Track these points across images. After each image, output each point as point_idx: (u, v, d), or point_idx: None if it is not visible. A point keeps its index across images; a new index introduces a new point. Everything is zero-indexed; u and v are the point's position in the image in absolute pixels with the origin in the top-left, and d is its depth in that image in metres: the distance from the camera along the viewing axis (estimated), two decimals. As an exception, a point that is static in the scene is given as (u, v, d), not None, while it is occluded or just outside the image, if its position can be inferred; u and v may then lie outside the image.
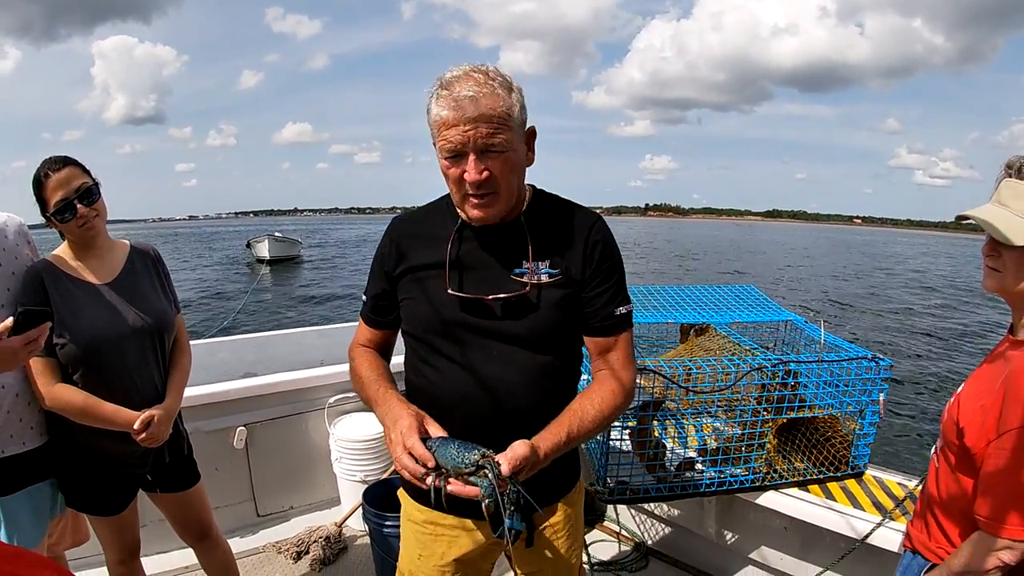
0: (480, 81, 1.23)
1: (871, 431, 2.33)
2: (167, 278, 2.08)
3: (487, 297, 1.35)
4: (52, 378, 1.78)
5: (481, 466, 1.13)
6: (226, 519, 3.06)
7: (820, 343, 2.35)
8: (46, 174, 1.77)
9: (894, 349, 13.80)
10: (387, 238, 1.49)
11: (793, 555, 2.51)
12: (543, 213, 1.42)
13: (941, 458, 1.47)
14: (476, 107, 1.20)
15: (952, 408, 1.43)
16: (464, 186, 1.27)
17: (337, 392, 3.27)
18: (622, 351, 1.44)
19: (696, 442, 2.33)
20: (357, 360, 1.52)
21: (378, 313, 1.53)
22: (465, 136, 1.22)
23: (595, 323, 1.41)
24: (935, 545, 1.46)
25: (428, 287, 1.40)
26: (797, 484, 2.33)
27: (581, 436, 1.32)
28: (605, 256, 1.40)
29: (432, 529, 1.51)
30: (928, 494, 1.52)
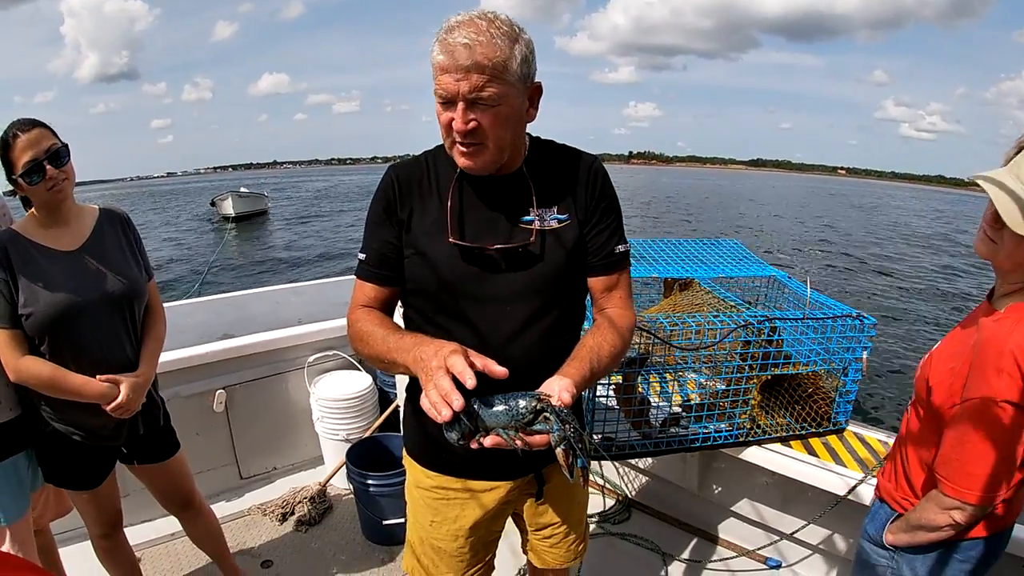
0: (481, 29, 1.17)
1: (853, 388, 2.34)
2: (138, 243, 2.00)
3: (489, 247, 1.31)
4: (18, 350, 1.72)
5: (540, 410, 1.09)
6: (209, 483, 3.05)
7: (806, 300, 2.33)
8: (14, 135, 1.68)
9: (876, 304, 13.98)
10: (388, 184, 1.39)
11: (775, 508, 2.56)
12: (544, 160, 1.39)
13: (912, 412, 1.51)
14: (470, 55, 1.15)
15: (925, 365, 1.45)
16: (452, 132, 1.23)
17: (316, 351, 3.24)
18: (624, 289, 1.44)
19: (680, 398, 2.33)
20: (363, 321, 1.35)
21: (385, 267, 1.39)
22: (456, 84, 1.17)
23: (598, 261, 1.40)
24: (900, 495, 1.50)
25: (433, 240, 1.33)
26: (780, 439, 2.34)
27: (600, 372, 1.30)
28: (604, 195, 1.40)
29: (443, 494, 1.50)
30: (899, 444, 1.56)
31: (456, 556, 1.53)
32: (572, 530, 1.64)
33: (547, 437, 1.08)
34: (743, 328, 2.10)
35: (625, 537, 2.79)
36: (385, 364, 1.30)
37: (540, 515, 1.60)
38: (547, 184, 1.37)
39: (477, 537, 1.53)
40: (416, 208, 1.36)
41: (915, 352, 10.23)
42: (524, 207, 1.34)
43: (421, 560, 1.57)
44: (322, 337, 3.26)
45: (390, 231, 1.37)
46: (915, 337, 11.37)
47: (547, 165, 1.39)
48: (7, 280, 1.69)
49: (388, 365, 1.29)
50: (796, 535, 2.42)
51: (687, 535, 2.82)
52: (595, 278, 1.42)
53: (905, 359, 9.69)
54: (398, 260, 1.38)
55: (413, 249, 1.36)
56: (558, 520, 1.61)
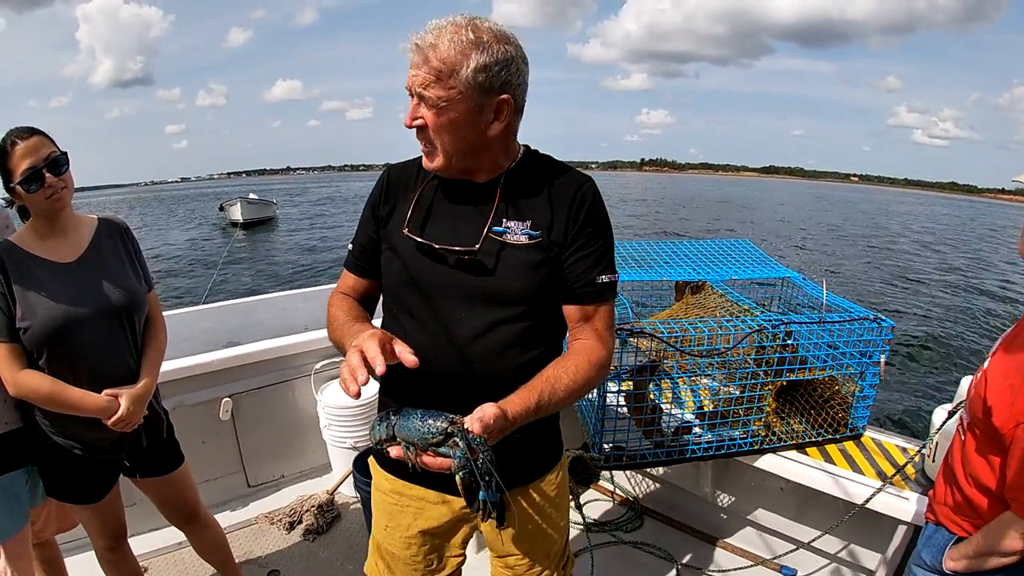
0: (446, 31, 1.19)
1: (871, 393, 2.29)
2: (137, 253, 1.97)
3: (437, 244, 1.30)
4: (16, 364, 1.69)
5: (450, 434, 1.05)
6: (216, 492, 3.04)
7: (822, 303, 2.28)
8: (13, 142, 1.66)
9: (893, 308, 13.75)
10: (379, 182, 1.46)
11: (789, 517, 2.50)
12: (529, 173, 1.35)
13: (968, 434, 1.43)
14: (422, 55, 1.18)
15: (979, 384, 1.39)
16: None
17: (323, 357, 3.20)
18: (602, 321, 1.36)
19: (693, 405, 2.28)
20: (334, 306, 1.44)
21: (363, 259, 1.46)
22: (410, 79, 1.21)
23: (575, 289, 1.33)
24: (961, 519, 1.45)
25: (399, 235, 1.36)
26: (795, 447, 2.29)
27: (552, 405, 1.23)
28: (590, 219, 1.32)
29: (397, 499, 1.48)
30: (953, 468, 1.49)
31: (409, 564, 1.52)
32: (538, 564, 1.52)
33: (447, 462, 1.05)
34: (757, 332, 2.05)
35: (637, 545, 2.74)
36: (341, 350, 1.27)
37: (499, 541, 1.51)
38: (524, 197, 1.33)
39: (431, 546, 1.51)
40: (398, 205, 1.40)
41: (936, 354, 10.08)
42: (498, 217, 1.31)
43: (378, 564, 1.58)
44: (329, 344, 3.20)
45: (371, 226, 1.44)
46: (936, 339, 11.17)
47: (531, 179, 1.35)
48: (4, 293, 1.67)
49: (342, 350, 1.26)
50: (813, 544, 2.36)
51: (700, 543, 2.76)
52: (570, 306, 1.36)
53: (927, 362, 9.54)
54: (375, 254, 1.44)
55: (387, 244, 1.39)
56: (518, 552, 1.51)
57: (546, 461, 1.50)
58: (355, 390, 1.03)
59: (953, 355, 10.09)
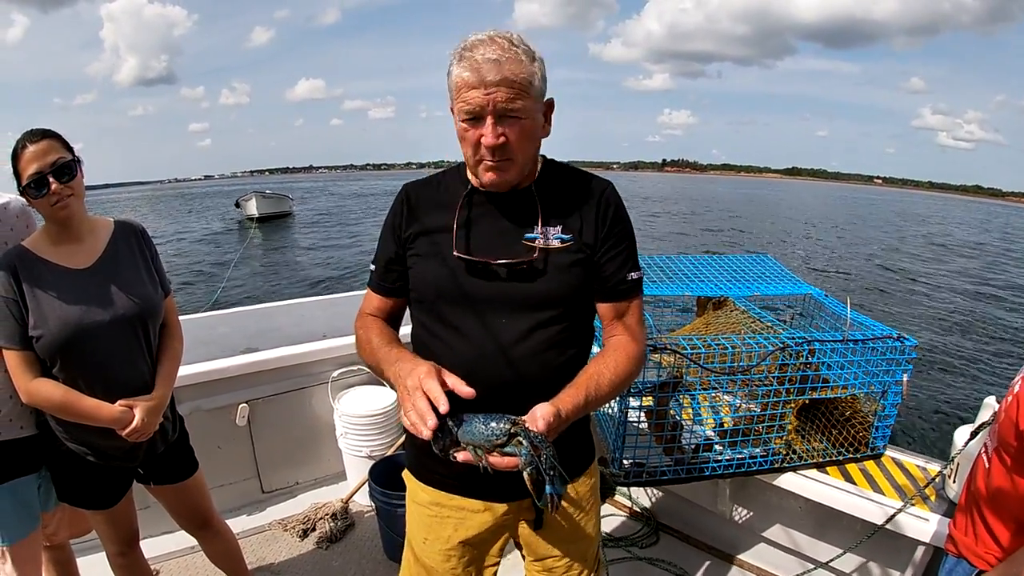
0: (504, 47, 1.21)
1: (892, 412, 2.26)
2: (154, 258, 1.93)
3: (493, 261, 1.33)
4: (29, 372, 1.67)
5: (514, 434, 1.10)
6: (231, 497, 3.04)
7: (846, 322, 2.26)
8: (23, 145, 1.65)
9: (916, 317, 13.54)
10: (399, 202, 1.45)
11: (808, 535, 2.48)
12: (555, 181, 1.41)
13: (994, 458, 1.39)
14: (498, 71, 1.19)
15: (1010, 408, 1.33)
16: (480, 150, 1.26)
17: (341, 366, 3.20)
18: (634, 316, 1.44)
19: (713, 423, 2.26)
20: (364, 329, 1.46)
21: (388, 279, 1.47)
22: (485, 99, 1.20)
23: (608, 288, 1.40)
24: (983, 550, 1.40)
25: (436, 251, 1.38)
26: (815, 466, 2.27)
27: (598, 400, 1.30)
28: (616, 220, 1.40)
29: (437, 511, 1.48)
30: (976, 494, 1.45)
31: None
32: (575, 564, 1.55)
33: (515, 461, 1.10)
34: (781, 351, 2.03)
35: (653, 562, 2.71)
36: (378, 373, 1.38)
37: (538, 545, 1.53)
38: (555, 204, 1.38)
39: (470, 558, 1.50)
40: (424, 223, 1.40)
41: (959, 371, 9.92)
42: (529, 224, 1.35)
43: None
44: (347, 352, 3.21)
45: (394, 246, 1.44)
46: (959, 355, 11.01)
47: (557, 186, 1.40)
48: (16, 300, 1.64)
49: (380, 374, 1.37)
50: (831, 564, 2.33)
51: (717, 561, 2.74)
52: (604, 304, 1.42)
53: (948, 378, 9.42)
54: (401, 273, 1.45)
55: (419, 261, 1.40)
56: (558, 553, 1.53)
57: (581, 462, 1.53)
58: (427, 434, 1.09)
59: (976, 372, 9.90)
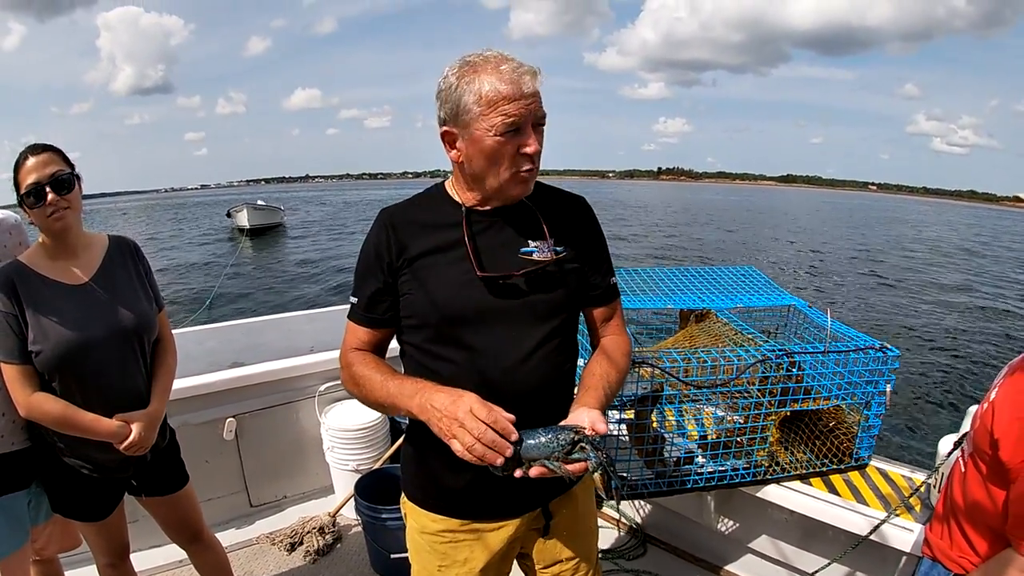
0: (520, 61, 1.26)
1: (876, 422, 2.26)
2: (148, 273, 1.97)
3: (517, 272, 1.35)
4: (29, 387, 1.70)
5: (576, 441, 1.16)
6: (218, 511, 3.03)
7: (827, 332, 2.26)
8: (25, 156, 1.71)
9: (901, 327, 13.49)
10: (381, 229, 1.39)
11: (794, 545, 2.47)
12: (540, 195, 1.43)
13: (970, 464, 1.40)
14: (534, 81, 1.25)
15: (986, 415, 1.34)
16: (518, 161, 1.28)
17: (327, 379, 3.20)
18: (619, 317, 1.55)
19: (696, 435, 2.26)
20: (358, 364, 1.38)
21: (378, 311, 1.40)
22: (527, 109, 1.24)
23: (598, 294, 1.49)
24: (957, 554, 1.41)
25: (442, 274, 1.34)
26: (799, 477, 2.27)
27: (611, 398, 1.37)
28: (597, 231, 1.51)
29: (451, 537, 1.47)
30: (952, 500, 1.46)
31: None
32: (583, 562, 1.59)
33: (585, 464, 1.15)
34: (761, 363, 2.03)
35: (640, 574, 2.71)
36: (382, 408, 1.36)
37: (549, 550, 1.56)
38: (548, 218, 1.41)
39: None
40: (416, 247, 1.36)
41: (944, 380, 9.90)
42: (524, 238, 1.38)
43: None
44: (334, 366, 3.17)
45: (381, 273, 1.38)
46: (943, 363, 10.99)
47: (544, 201, 1.44)
48: (16, 315, 1.67)
49: (386, 408, 1.34)
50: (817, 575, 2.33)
51: (704, 572, 2.74)
52: (597, 309, 1.51)
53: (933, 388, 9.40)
54: (391, 303, 1.40)
55: (415, 286, 1.36)
56: (569, 553, 1.57)
57: None
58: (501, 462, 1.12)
59: (961, 381, 9.89)
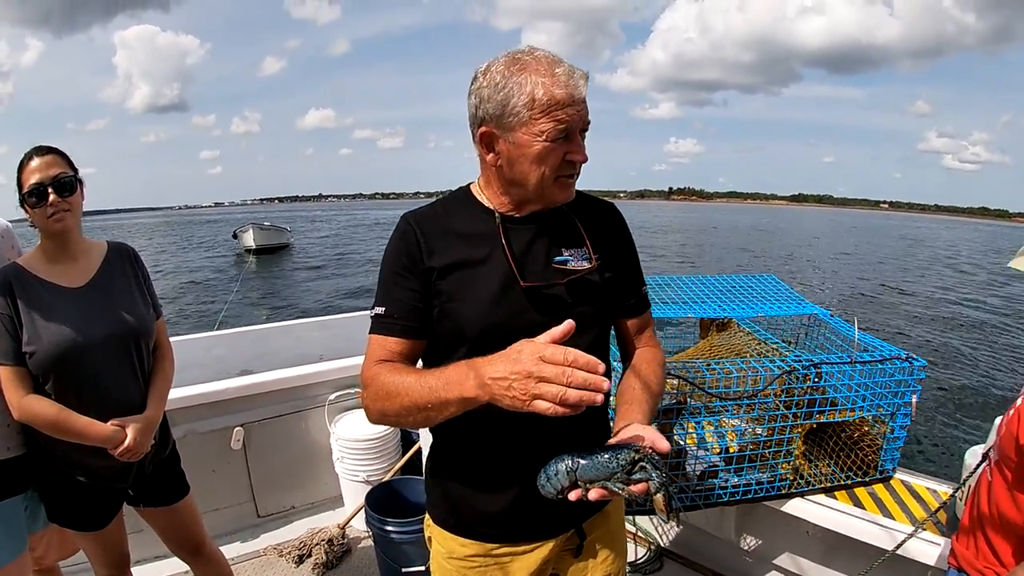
0: (570, 64, 1.21)
1: (901, 434, 2.21)
2: (146, 280, 1.96)
3: (562, 280, 1.30)
4: (22, 389, 1.68)
5: (639, 461, 1.10)
6: (225, 521, 2.99)
7: (854, 343, 2.21)
8: (30, 156, 1.72)
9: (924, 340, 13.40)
10: (408, 233, 1.30)
11: (816, 561, 2.42)
12: (574, 201, 1.36)
13: (996, 472, 1.38)
14: (583, 87, 1.20)
15: (1012, 422, 1.32)
16: (563, 167, 1.24)
17: (337, 388, 3.16)
18: (651, 327, 1.52)
19: (719, 448, 2.20)
20: (381, 374, 1.23)
21: (413, 318, 1.28)
22: (578, 114, 1.20)
23: (632, 303, 1.45)
24: (983, 564, 1.39)
25: (480, 285, 1.26)
26: (823, 491, 2.21)
27: (654, 412, 1.32)
28: (627, 239, 1.45)
29: (482, 561, 1.41)
30: (978, 508, 1.44)
31: None
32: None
33: (647, 485, 1.08)
34: (788, 374, 1.98)
35: (657, 589, 2.65)
36: (426, 413, 1.15)
37: (582, 571, 1.51)
38: (577, 224, 1.36)
39: None
40: (449, 255, 1.28)
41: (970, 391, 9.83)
42: (558, 245, 1.33)
43: None
44: (344, 375, 3.18)
45: (416, 281, 1.27)
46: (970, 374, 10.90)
47: (578, 205, 1.38)
48: (11, 316, 1.67)
49: (431, 411, 1.14)
50: (842, 592, 2.28)
51: (722, 588, 2.67)
52: (629, 320, 1.46)
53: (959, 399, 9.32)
54: (426, 311, 1.28)
55: (448, 299, 1.27)
56: (602, 573, 1.52)
57: None
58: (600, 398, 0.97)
59: (987, 392, 9.82)
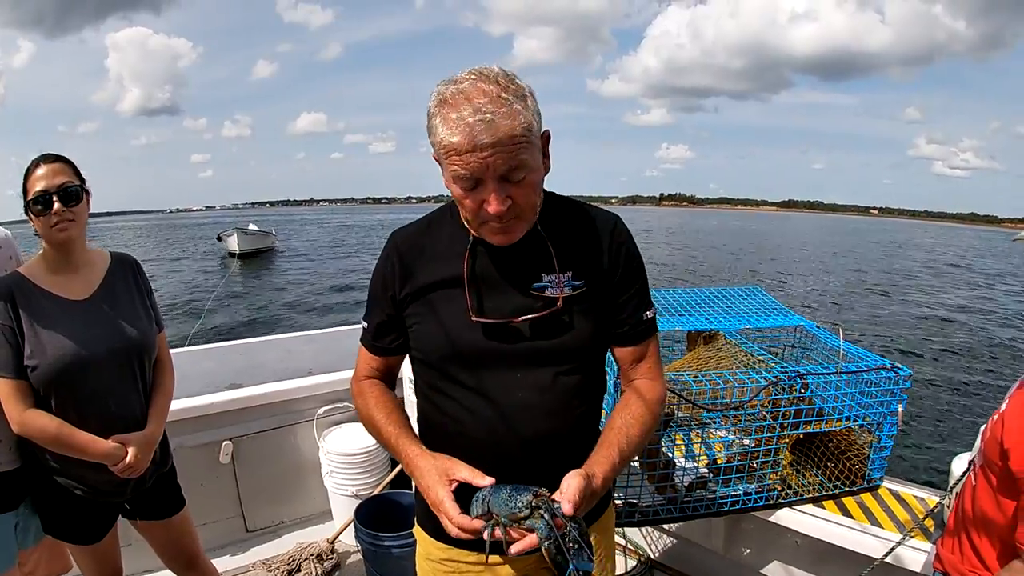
0: (493, 97, 1.04)
1: (888, 443, 2.22)
2: (149, 292, 1.94)
3: (516, 320, 1.22)
4: (23, 403, 1.65)
5: (536, 507, 1.03)
6: (214, 535, 2.95)
7: (840, 354, 2.23)
8: (36, 163, 1.70)
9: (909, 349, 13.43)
10: (388, 256, 1.32)
11: (807, 571, 2.42)
12: (560, 219, 1.29)
13: (980, 476, 1.39)
14: (494, 132, 1.02)
15: (996, 427, 1.34)
16: (482, 215, 1.12)
17: (326, 402, 3.15)
18: (653, 357, 1.35)
19: (706, 459, 2.21)
20: (363, 398, 1.38)
21: (383, 340, 1.36)
22: (483, 163, 1.05)
23: (627, 331, 1.31)
24: (968, 568, 1.40)
25: (443, 310, 1.25)
26: (811, 500, 2.22)
27: (630, 454, 1.23)
28: (630, 259, 1.29)
29: (454, 567, 1.39)
30: (963, 512, 1.45)
31: None
32: None
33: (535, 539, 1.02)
34: (774, 385, 2.00)
35: (647, 601, 2.65)
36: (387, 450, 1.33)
37: None
38: (564, 246, 1.25)
39: None
40: (421, 278, 1.28)
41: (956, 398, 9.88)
42: (536, 270, 1.24)
43: None
44: (333, 389, 3.16)
45: (387, 305, 1.32)
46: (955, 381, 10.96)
47: (564, 225, 1.28)
48: (12, 328, 1.64)
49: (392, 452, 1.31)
50: (831, 602, 2.28)
51: (712, 599, 2.67)
52: (624, 348, 1.33)
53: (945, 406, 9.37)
54: (398, 333, 1.35)
55: (422, 321, 1.29)
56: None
57: (598, 507, 1.43)
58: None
59: (973, 400, 9.88)
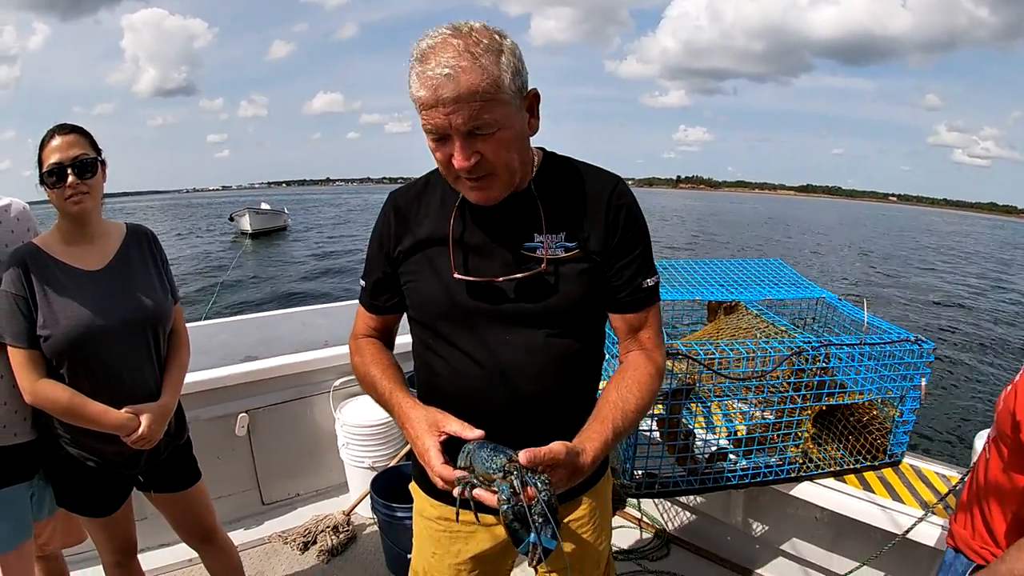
0: (459, 51, 1.03)
1: (911, 418, 2.19)
2: (164, 263, 1.92)
3: (498, 279, 1.21)
4: (36, 372, 1.64)
5: (509, 472, 1.01)
6: (230, 509, 2.96)
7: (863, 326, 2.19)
8: (52, 135, 1.67)
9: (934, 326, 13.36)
10: (384, 215, 1.35)
11: (824, 547, 2.40)
12: (556, 179, 1.26)
13: (992, 449, 1.36)
14: (456, 86, 1.02)
15: (1008, 397, 1.30)
16: (454, 170, 1.12)
17: (342, 375, 3.14)
18: (652, 327, 1.31)
19: (727, 431, 2.19)
20: (360, 355, 1.40)
21: (380, 298, 1.38)
22: (447, 119, 1.05)
23: (623, 297, 1.27)
24: (979, 544, 1.37)
25: (432, 268, 1.26)
26: (832, 474, 2.20)
27: (626, 429, 1.20)
28: (630, 223, 1.25)
29: (447, 526, 1.40)
30: (976, 486, 1.41)
31: None
32: (589, 565, 1.46)
33: (493, 499, 1.00)
34: (797, 355, 1.97)
35: (663, 575, 2.63)
36: (381, 405, 1.35)
37: (551, 559, 1.46)
38: (558, 206, 1.24)
39: (480, 571, 1.43)
40: (416, 234, 1.29)
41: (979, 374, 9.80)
42: (529, 231, 1.22)
43: None
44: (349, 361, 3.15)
45: (384, 264, 1.35)
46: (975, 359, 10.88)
47: (560, 185, 1.26)
48: (26, 298, 1.62)
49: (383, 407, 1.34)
50: (851, 575, 2.26)
51: (729, 574, 2.65)
52: (620, 316, 1.30)
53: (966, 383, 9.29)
54: (394, 292, 1.36)
55: (414, 279, 1.30)
56: (575, 556, 1.43)
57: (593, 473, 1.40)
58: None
59: (996, 376, 9.82)
